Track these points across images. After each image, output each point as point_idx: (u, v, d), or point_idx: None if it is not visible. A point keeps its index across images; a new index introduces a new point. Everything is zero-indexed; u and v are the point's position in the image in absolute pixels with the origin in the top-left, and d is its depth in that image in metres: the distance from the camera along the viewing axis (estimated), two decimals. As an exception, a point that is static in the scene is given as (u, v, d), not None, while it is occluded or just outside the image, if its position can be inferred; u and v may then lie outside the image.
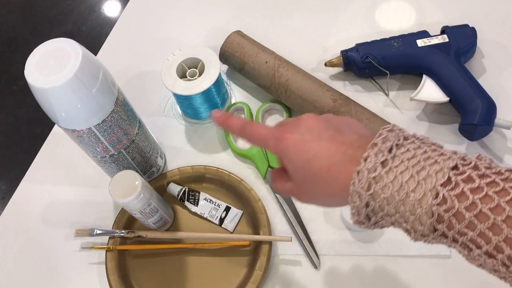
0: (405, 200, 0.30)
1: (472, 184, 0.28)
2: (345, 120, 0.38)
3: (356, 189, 0.32)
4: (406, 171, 0.30)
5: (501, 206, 0.27)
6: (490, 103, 0.59)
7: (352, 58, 0.66)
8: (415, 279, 0.56)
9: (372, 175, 0.31)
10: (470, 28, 0.66)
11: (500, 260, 0.27)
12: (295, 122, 0.38)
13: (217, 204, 0.61)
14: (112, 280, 0.57)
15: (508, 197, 0.27)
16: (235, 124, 0.41)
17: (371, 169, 0.31)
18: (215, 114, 0.42)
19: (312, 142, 0.35)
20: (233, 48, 0.67)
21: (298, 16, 0.77)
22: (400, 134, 0.33)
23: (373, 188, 0.31)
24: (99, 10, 0.85)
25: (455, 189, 0.28)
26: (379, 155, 0.31)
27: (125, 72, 0.74)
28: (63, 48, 0.45)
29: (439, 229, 0.30)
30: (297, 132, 0.36)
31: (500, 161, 0.61)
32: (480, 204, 0.28)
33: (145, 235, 0.59)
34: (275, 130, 0.38)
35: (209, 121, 0.69)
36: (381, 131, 0.34)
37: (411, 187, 0.30)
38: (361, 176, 0.31)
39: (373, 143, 0.32)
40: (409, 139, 0.33)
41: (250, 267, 0.57)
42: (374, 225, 0.34)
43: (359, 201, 0.32)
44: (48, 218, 0.64)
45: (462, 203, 0.28)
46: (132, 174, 0.52)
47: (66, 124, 0.48)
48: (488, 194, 0.28)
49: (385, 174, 0.31)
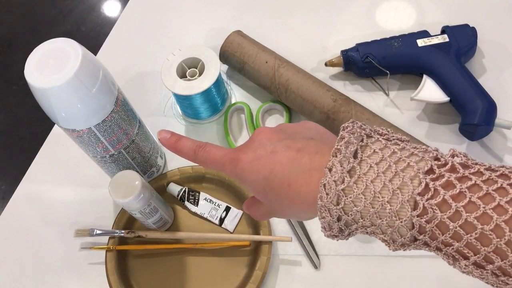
0: (380, 213, 0.27)
1: (453, 190, 0.26)
2: (300, 125, 0.35)
3: (324, 204, 0.29)
4: (377, 179, 0.27)
5: (488, 214, 0.25)
6: (490, 103, 0.59)
7: (352, 58, 0.66)
8: (415, 279, 0.56)
9: (341, 187, 0.28)
10: (470, 28, 0.66)
11: (490, 270, 0.25)
12: (249, 140, 0.34)
13: (217, 204, 0.61)
14: (112, 280, 0.57)
15: (494, 203, 0.25)
16: (186, 148, 0.36)
17: (338, 181, 0.28)
18: (162, 135, 0.37)
19: (267, 158, 0.32)
20: (233, 48, 0.67)
21: (298, 16, 0.77)
22: (362, 133, 0.30)
23: (344, 201, 0.28)
24: (99, 10, 0.85)
25: (435, 197, 0.26)
26: (344, 163, 0.28)
27: (125, 72, 0.74)
28: (63, 48, 0.45)
29: (420, 239, 0.27)
30: (250, 150, 0.33)
31: (500, 161, 0.61)
32: (465, 213, 0.25)
33: (145, 235, 0.59)
34: (229, 152, 0.35)
35: (209, 121, 0.69)
36: (341, 132, 0.30)
37: (386, 198, 0.27)
38: (328, 190, 0.28)
39: (335, 148, 0.29)
40: (372, 136, 0.30)
41: (250, 267, 0.57)
42: (349, 236, 0.31)
43: (329, 216, 0.29)
44: (48, 218, 0.64)
45: (445, 212, 0.26)
46: (132, 174, 0.52)
47: (66, 124, 0.48)
48: (472, 201, 0.25)
49: (354, 185, 0.28)
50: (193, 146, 0.36)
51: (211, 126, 0.69)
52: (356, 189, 0.28)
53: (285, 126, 0.35)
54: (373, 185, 0.27)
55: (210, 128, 0.69)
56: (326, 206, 0.29)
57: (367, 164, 0.28)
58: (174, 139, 0.37)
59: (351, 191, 0.28)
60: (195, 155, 0.36)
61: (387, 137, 0.30)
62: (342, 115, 0.61)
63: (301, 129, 0.35)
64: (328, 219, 0.30)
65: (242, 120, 0.69)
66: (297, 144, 0.32)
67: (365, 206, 0.28)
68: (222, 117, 0.69)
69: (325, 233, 0.31)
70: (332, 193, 0.28)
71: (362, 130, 0.30)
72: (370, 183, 0.28)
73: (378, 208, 0.27)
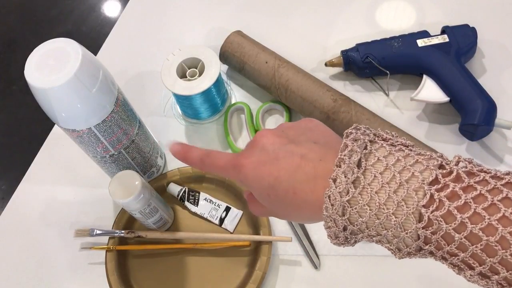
0: (386, 224, 0.28)
1: (458, 200, 0.26)
2: (302, 125, 0.35)
3: (329, 214, 0.29)
4: (381, 190, 0.28)
5: (493, 226, 0.25)
6: (490, 103, 0.59)
7: (352, 58, 0.66)
8: (415, 279, 0.56)
9: (346, 199, 0.28)
10: (470, 28, 0.66)
11: (496, 281, 0.26)
12: (251, 144, 0.35)
13: (217, 204, 0.61)
14: (112, 280, 0.57)
15: (499, 214, 0.25)
16: (194, 158, 0.37)
17: (343, 192, 0.28)
18: (174, 148, 0.38)
19: (270, 165, 0.32)
20: (233, 48, 0.67)
21: (298, 16, 0.77)
22: (366, 139, 0.30)
23: (349, 212, 0.29)
24: (99, 10, 0.85)
25: (440, 209, 0.26)
26: (349, 173, 0.28)
27: (125, 72, 0.74)
28: (63, 48, 0.45)
29: (426, 249, 0.28)
30: (253, 156, 0.33)
31: (500, 161, 0.61)
32: (470, 225, 0.25)
33: (145, 235, 0.59)
34: (232, 158, 0.35)
35: (209, 121, 0.69)
36: (344, 140, 0.30)
37: (390, 210, 0.27)
38: (333, 201, 0.29)
39: (339, 158, 0.29)
40: (376, 142, 0.30)
41: (250, 267, 0.57)
42: (355, 243, 0.32)
43: (335, 227, 0.30)
44: (48, 218, 0.64)
45: (450, 224, 0.26)
46: (132, 174, 0.52)
47: (66, 124, 0.48)
48: (477, 212, 0.25)
49: (359, 196, 0.28)
50: (201, 154, 0.37)
51: (211, 126, 0.69)
52: (361, 200, 0.28)
53: (287, 127, 0.35)
54: (378, 196, 0.28)
55: (210, 128, 0.69)
56: (332, 217, 0.29)
57: (371, 173, 0.28)
58: (185, 149, 0.38)
59: (356, 203, 0.28)
60: (202, 163, 0.37)
61: (391, 142, 0.30)
62: (342, 115, 0.61)
63: (303, 129, 0.34)
64: (334, 229, 0.30)
65: (242, 120, 0.69)
66: (300, 149, 0.32)
67: (370, 217, 0.28)
68: (222, 117, 0.69)
69: (331, 241, 0.32)
70: (337, 204, 0.29)
71: (365, 136, 0.30)
72: (374, 194, 0.28)
73: (383, 219, 0.28)
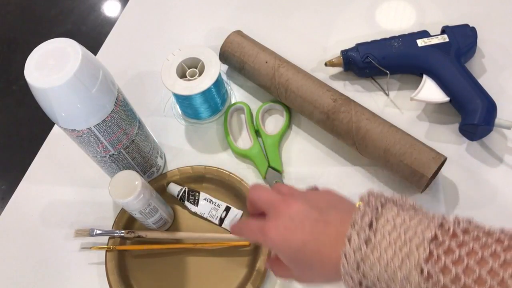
0: (394, 278, 0.32)
1: (453, 255, 0.30)
2: (324, 195, 0.40)
3: (347, 271, 0.34)
4: (389, 248, 0.32)
5: (482, 277, 0.29)
6: (490, 103, 0.59)
7: (352, 58, 0.66)
8: None
9: (359, 257, 0.33)
10: (470, 28, 0.66)
11: None
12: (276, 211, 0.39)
13: (217, 204, 0.61)
14: (112, 280, 0.57)
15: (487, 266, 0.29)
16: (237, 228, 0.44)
17: (357, 250, 0.33)
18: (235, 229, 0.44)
19: (297, 231, 0.37)
20: (233, 48, 0.67)
21: (298, 16, 0.77)
22: (378, 204, 0.35)
23: (362, 268, 0.33)
24: (99, 10, 0.85)
25: (438, 263, 0.30)
26: (361, 233, 0.33)
27: (125, 72, 0.74)
28: (62, 48, 0.45)
29: None
30: (280, 224, 0.38)
31: (500, 161, 0.61)
32: (464, 277, 0.30)
33: (145, 235, 0.59)
34: (261, 223, 0.40)
35: (209, 121, 0.69)
36: (357, 204, 0.35)
37: (396, 265, 0.32)
38: (348, 258, 0.33)
39: (353, 220, 0.34)
40: (386, 205, 0.35)
41: (250, 267, 0.57)
42: None
43: (351, 282, 0.34)
44: (48, 218, 0.64)
45: (447, 276, 0.30)
46: (132, 174, 0.52)
47: (66, 124, 0.48)
48: (469, 266, 0.30)
49: (371, 253, 0.33)
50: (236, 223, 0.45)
51: (211, 126, 0.69)
52: (372, 257, 0.33)
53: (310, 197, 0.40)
54: (386, 253, 0.32)
55: (210, 128, 0.69)
56: (349, 273, 0.34)
57: (381, 233, 0.33)
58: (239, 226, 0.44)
59: (368, 259, 0.33)
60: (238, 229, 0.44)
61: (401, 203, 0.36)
62: (342, 115, 0.61)
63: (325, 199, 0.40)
64: (351, 283, 0.34)
65: (242, 120, 0.69)
66: (324, 216, 0.37)
67: (380, 271, 0.32)
68: (222, 117, 0.69)
69: None
70: (351, 261, 0.33)
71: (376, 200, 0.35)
72: (383, 251, 0.32)
73: (391, 273, 0.32)
